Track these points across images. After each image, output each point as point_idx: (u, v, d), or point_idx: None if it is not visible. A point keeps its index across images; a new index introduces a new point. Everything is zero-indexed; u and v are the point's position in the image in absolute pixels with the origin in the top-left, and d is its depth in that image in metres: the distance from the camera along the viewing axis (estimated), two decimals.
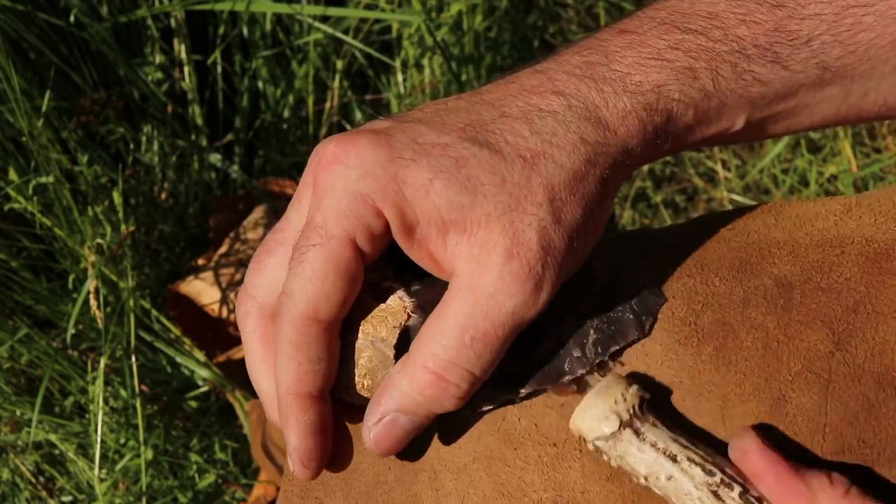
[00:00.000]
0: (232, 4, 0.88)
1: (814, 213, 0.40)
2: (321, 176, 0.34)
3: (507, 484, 0.37)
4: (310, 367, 0.34)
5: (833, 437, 0.35)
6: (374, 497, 0.39)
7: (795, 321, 0.36)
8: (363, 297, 0.35)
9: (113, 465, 0.98)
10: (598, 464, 0.36)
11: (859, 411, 0.35)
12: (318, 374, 0.34)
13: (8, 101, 0.86)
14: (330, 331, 0.34)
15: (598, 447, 0.34)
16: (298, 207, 0.35)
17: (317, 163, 0.34)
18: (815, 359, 0.36)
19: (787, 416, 0.35)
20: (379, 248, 0.34)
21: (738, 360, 0.36)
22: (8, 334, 0.92)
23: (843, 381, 0.35)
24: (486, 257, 0.32)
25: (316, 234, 0.33)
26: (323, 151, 0.34)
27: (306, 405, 0.34)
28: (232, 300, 0.97)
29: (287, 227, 0.36)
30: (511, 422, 0.37)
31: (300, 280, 0.33)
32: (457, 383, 0.33)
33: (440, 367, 0.32)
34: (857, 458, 0.35)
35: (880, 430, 0.35)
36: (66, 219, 0.91)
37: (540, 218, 0.32)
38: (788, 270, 0.37)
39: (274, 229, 0.36)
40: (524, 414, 0.37)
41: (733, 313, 0.37)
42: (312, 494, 0.41)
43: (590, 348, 0.36)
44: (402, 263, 0.36)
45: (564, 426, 0.36)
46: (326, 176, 0.33)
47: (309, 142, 1.18)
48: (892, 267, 0.37)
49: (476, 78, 1.15)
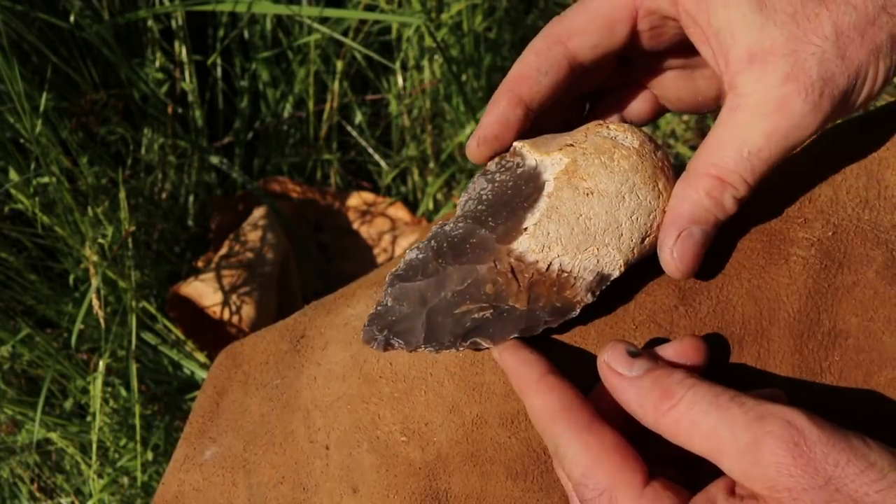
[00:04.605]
0: (232, 5, 0.88)
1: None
2: None
3: (363, 419, 0.41)
4: (536, 75, 0.39)
5: None
6: (259, 435, 0.44)
7: (646, 280, 0.39)
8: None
9: (113, 465, 0.98)
10: (442, 396, 0.40)
11: None
12: (539, 85, 0.39)
13: (8, 102, 0.86)
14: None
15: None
16: None
17: None
18: (660, 311, 0.39)
19: None
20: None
21: (586, 308, 0.39)
22: (9, 334, 0.92)
23: (683, 332, 0.38)
24: (765, 78, 0.34)
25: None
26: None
27: (513, 100, 0.39)
28: (233, 302, 0.98)
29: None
30: (371, 363, 0.42)
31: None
32: (735, 186, 0.36)
33: (721, 172, 0.35)
34: None
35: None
36: (66, 219, 0.91)
37: (824, 50, 0.34)
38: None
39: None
40: (381, 355, 0.42)
41: None
42: (208, 434, 0.46)
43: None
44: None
45: (415, 364, 0.41)
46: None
47: (309, 142, 1.18)
48: (742, 231, 0.39)
49: (476, 79, 1.16)
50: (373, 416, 0.41)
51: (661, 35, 0.40)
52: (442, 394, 0.40)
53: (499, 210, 0.38)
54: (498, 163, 0.40)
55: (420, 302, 0.37)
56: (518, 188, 0.38)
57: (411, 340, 0.37)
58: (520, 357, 0.36)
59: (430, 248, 0.38)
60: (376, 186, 1.23)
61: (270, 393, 0.45)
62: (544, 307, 0.36)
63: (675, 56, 0.42)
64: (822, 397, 0.37)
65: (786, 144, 0.35)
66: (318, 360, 0.43)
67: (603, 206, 0.36)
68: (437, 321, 0.37)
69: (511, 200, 0.38)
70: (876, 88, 0.35)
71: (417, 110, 1.17)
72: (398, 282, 0.38)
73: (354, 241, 1.17)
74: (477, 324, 0.37)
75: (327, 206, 1.17)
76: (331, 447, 0.42)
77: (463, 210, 0.39)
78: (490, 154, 0.40)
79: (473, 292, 0.37)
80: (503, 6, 1.17)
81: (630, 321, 0.39)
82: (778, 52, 0.34)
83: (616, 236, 0.36)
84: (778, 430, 0.29)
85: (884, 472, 0.28)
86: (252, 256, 1.03)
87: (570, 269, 0.36)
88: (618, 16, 0.38)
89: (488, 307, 0.36)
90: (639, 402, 0.33)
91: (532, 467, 0.39)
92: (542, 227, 0.36)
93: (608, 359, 0.34)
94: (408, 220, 1.16)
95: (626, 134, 0.38)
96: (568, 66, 0.39)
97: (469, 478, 0.39)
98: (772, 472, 0.29)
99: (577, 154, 0.37)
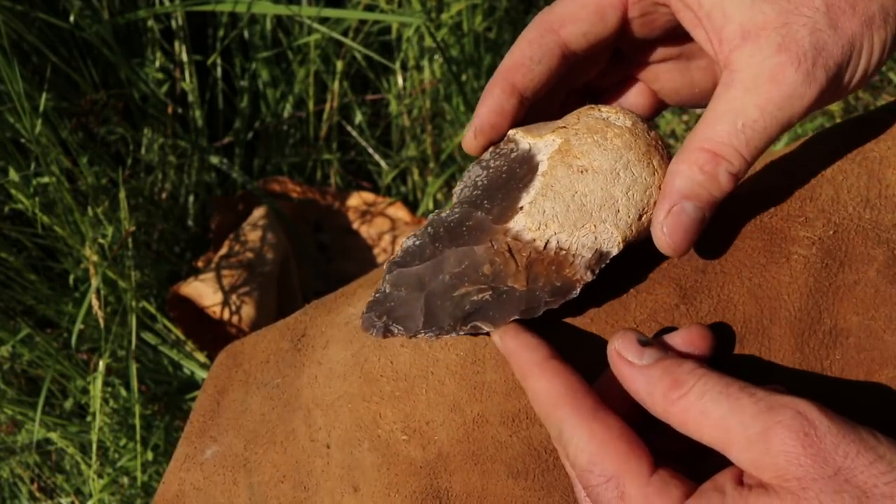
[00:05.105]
0: (232, 5, 0.88)
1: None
2: None
3: (363, 417, 0.41)
4: (529, 63, 0.39)
5: None
6: (260, 434, 0.44)
7: (647, 278, 0.39)
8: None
9: (113, 465, 0.98)
10: (443, 395, 0.39)
11: None
12: (533, 73, 0.39)
13: (8, 102, 0.86)
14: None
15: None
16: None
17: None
18: (661, 310, 0.39)
19: None
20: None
21: (587, 306, 0.39)
22: (9, 334, 0.92)
23: None
24: (758, 51, 0.34)
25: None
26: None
27: (507, 89, 0.39)
28: (233, 301, 0.98)
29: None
30: (371, 361, 0.41)
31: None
32: (729, 160, 0.35)
33: (714, 146, 0.35)
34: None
35: None
36: (66, 219, 0.91)
37: (815, 21, 0.34)
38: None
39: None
40: (382, 354, 0.41)
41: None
42: (208, 434, 0.46)
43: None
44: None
45: (416, 363, 0.40)
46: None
47: (309, 142, 1.18)
48: (743, 230, 0.39)
49: (476, 79, 1.16)
50: (374, 414, 0.41)
51: (653, 22, 0.40)
52: (443, 392, 0.40)
53: (494, 193, 0.38)
54: (493, 151, 0.40)
55: (418, 286, 0.37)
56: (513, 171, 0.38)
57: (410, 326, 0.37)
58: (522, 341, 0.36)
59: (427, 234, 0.38)
60: (376, 186, 1.23)
61: (271, 392, 0.45)
62: (544, 287, 0.36)
63: (669, 45, 0.42)
64: (823, 396, 0.37)
65: (780, 116, 0.34)
66: (319, 359, 0.43)
67: (598, 183, 0.36)
68: (436, 304, 0.37)
69: (506, 183, 0.38)
70: (872, 63, 0.35)
71: (417, 110, 1.17)
72: (396, 268, 0.38)
73: (354, 241, 1.17)
74: (476, 307, 0.36)
75: (327, 206, 1.17)
76: (332, 446, 0.42)
77: (459, 197, 0.39)
78: (486, 143, 0.40)
79: (471, 273, 0.36)
80: (503, 6, 1.17)
81: (631, 319, 0.39)
82: (770, 26, 0.34)
83: (613, 212, 0.36)
84: (788, 420, 0.29)
85: (893, 464, 0.28)
86: (252, 256, 1.03)
87: (567, 246, 0.36)
88: (608, 2, 0.38)
89: (487, 288, 0.36)
90: (648, 391, 0.33)
91: (533, 466, 0.39)
92: (538, 205, 0.36)
93: (618, 346, 0.34)
94: (408, 220, 1.16)
95: (619, 115, 0.38)
96: (561, 53, 0.39)
97: (470, 476, 0.39)
98: (781, 461, 0.29)
99: (569, 134, 0.37)
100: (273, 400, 0.44)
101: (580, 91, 0.45)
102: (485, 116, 0.40)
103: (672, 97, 0.44)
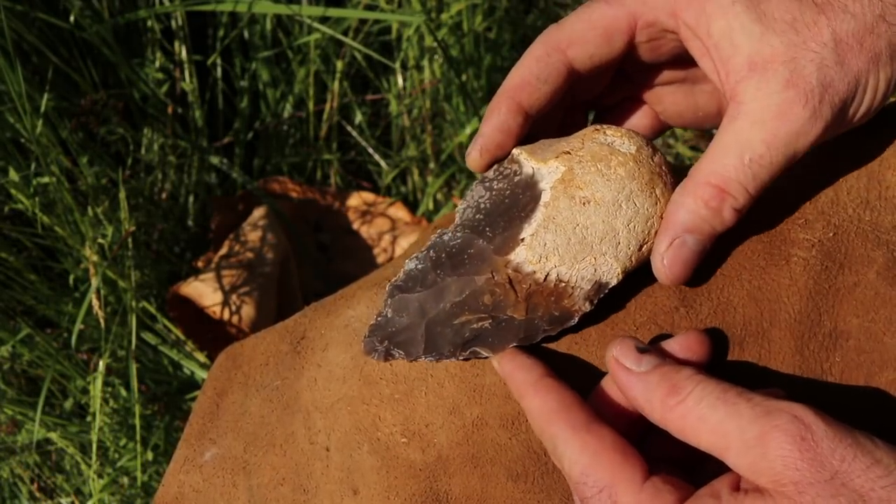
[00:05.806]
0: (232, 5, 0.88)
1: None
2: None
3: (363, 420, 0.41)
4: (536, 82, 0.39)
5: None
6: (259, 436, 0.44)
7: (647, 282, 0.39)
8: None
9: (113, 465, 0.98)
10: (442, 398, 0.40)
11: None
12: (539, 93, 0.39)
13: (9, 102, 0.86)
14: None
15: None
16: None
17: None
18: (660, 313, 0.39)
19: None
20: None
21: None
22: (9, 334, 0.92)
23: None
24: (765, 85, 0.34)
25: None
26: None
27: (513, 108, 0.39)
28: (233, 302, 0.98)
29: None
30: (371, 364, 0.42)
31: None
32: (735, 196, 0.35)
33: (721, 181, 0.35)
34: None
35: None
36: (66, 219, 0.91)
37: (822, 56, 0.34)
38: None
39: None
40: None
41: None
42: (208, 436, 0.46)
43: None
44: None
45: (415, 366, 0.41)
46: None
47: (309, 142, 1.18)
48: (742, 232, 0.39)
49: (476, 79, 1.16)
50: (373, 417, 0.41)
51: (660, 48, 0.39)
52: (442, 395, 0.40)
53: (496, 220, 0.38)
54: (496, 169, 0.40)
55: (419, 313, 0.38)
56: (515, 197, 0.38)
57: (411, 351, 0.38)
58: (517, 363, 0.37)
59: (429, 258, 0.38)
60: (376, 186, 1.23)
61: (270, 394, 0.45)
62: (543, 316, 0.36)
63: (674, 70, 0.42)
64: (822, 398, 0.37)
65: (787, 151, 0.35)
66: (319, 362, 0.43)
67: (599, 216, 0.36)
68: (437, 332, 0.37)
69: (508, 210, 0.38)
70: (877, 100, 0.35)
71: (417, 110, 1.17)
72: (398, 292, 0.38)
73: (354, 241, 1.17)
74: (476, 333, 0.37)
75: (327, 206, 1.17)
76: (331, 449, 0.42)
77: (461, 219, 0.39)
78: (491, 161, 0.41)
79: (472, 303, 0.37)
80: (503, 6, 1.17)
81: (631, 323, 0.39)
82: (778, 59, 0.34)
83: (613, 245, 0.36)
84: (785, 425, 0.29)
85: (889, 468, 0.28)
86: (252, 256, 1.03)
87: (567, 278, 0.36)
88: (616, 26, 0.38)
89: (487, 317, 0.37)
90: (646, 398, 0.33)
91: (532, 469, 0.39)
92: (539, 237, 0.36)
93: (617, 354, 0.34)
94: (408, 220, 1.16)
95: (623, 139, 0.38)
96: (566, 73, 0.39)
97: (469, 479, 0.39)
98: (778, 465, 0.29)
99: (573, 162, 0.37)
100: (272, 402, 0.44)
101: (581, 106, 0.45)
102: (490, 135, 0.40)
103: (675, 119, 0.44)
